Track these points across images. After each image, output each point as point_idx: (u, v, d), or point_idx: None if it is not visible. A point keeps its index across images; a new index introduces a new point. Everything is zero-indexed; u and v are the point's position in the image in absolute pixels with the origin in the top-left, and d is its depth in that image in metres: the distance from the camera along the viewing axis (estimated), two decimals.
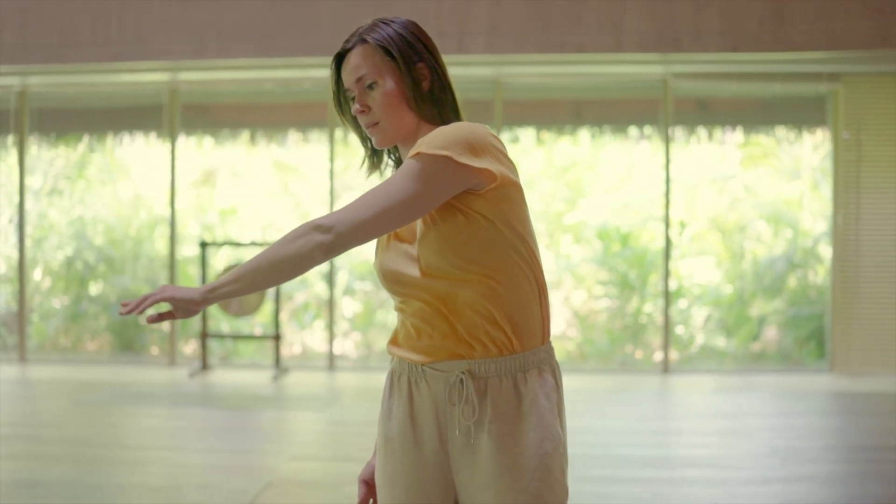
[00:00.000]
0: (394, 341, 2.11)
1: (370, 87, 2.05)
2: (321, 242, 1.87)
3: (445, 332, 2.00)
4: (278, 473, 5.42)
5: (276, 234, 9.74)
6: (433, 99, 2.06)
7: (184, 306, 1.87)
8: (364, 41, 2.06)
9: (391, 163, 2.18)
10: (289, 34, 7.79)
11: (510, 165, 2.00)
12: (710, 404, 7.81)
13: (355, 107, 2.06)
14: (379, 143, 2.08)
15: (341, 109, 2.12)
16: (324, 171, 9.39)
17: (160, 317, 1.90)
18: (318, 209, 9.79)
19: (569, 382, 10.31)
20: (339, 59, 2.10)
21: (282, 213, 10.01)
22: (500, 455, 1.96)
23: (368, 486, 2.22)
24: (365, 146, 2.16)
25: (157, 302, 1.86)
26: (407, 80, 2.04)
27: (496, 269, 1.97)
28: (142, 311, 1.86)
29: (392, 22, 2.09)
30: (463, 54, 7.82)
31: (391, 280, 2.05)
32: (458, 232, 1.94)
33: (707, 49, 7.63)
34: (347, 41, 2.09)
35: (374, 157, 2.17)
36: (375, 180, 2.13)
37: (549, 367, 2.03)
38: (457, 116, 2.10)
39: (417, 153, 1.93)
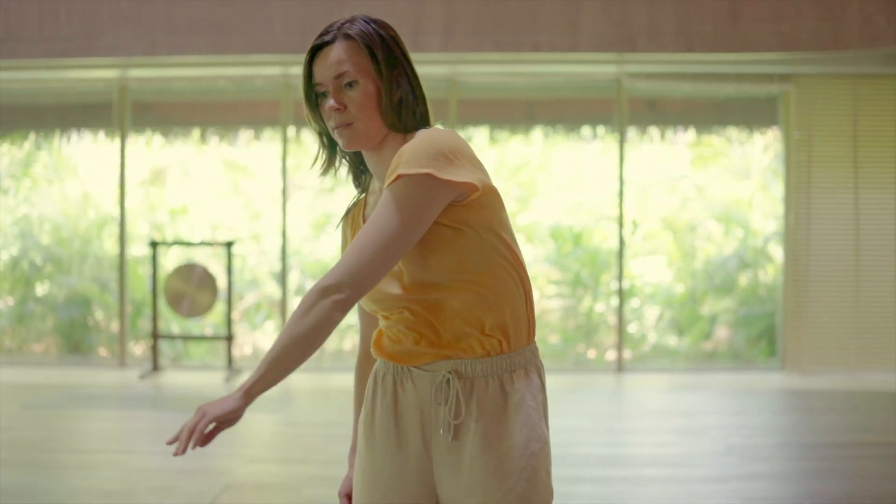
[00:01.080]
0: (377, 343, 2.08)
1: (349, 85, 1.96)
2: (337, 301, 1.84)
3: (432, 340, 1.98)
4: (235, 476, 5.34)
5: (226, 233, 9.62)
6: (402, 108, 1.99)
7: (227, 418, 1.83)
8: (349, 37, 1.97)
9: (345, 163, 2.12)
10: (242, 31, 7.70)
11: (484, 170, 1.98)
12: (665, 403, 7.85)
13: (330, 103, 1.96)
14: (348, 145, 1.99)
15: (312, 105, 2.02)
16: (275, 170, 9.29)
17: (210, 437, 1.83)
18: (268, 208, 9.69)
19: None
20: (313, 52, 2.00)
21: (232, 213, 9.90)
22: (487, 455, 1.95)
23: (350, 500, 2.19)
24: (321, 144, 2.08)
25: (203, 430, 1.79)
26: (384, 86, 1.97)
27: (484, 277, 1.94)
28: (195, 446, 1.80)
29: (373, 22, 2.01)
30: (418, 52, 7.78)
31: (374, 300, 2.01)
32: (444, 245, 1.92)
33: (662, 49, 7.67)
34: (325, 33, 1.99)
35: (330, 157, 2.09)
36: (327, 181, 2.11)
37: (534, 367, 2.02)
38: (426, 126, 2.03)
39: (398, 175, 1.88)
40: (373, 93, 1.96)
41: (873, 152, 8.70)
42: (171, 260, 9.55)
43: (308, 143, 9.51)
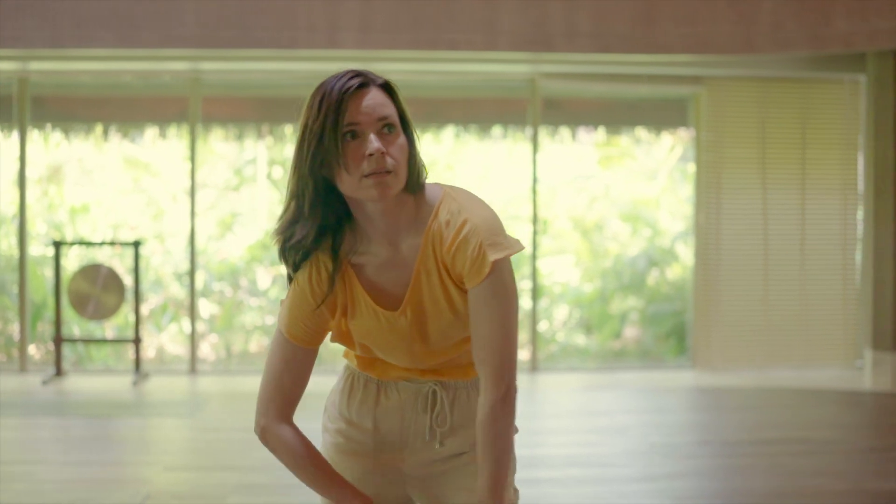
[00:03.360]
0: (360, 360, 2.10)
1: (388, 129, 1.86)
2: (513, 398, 1.99)
3: (425, 371, 2.07)
4: (155, 485, 5.14)
5: (128, 233, 9.32)
6: (419, 168, 1.94)
7: None
8: (379, 86, 1.89)
9: (311, 222, 1.92)
10: (151, 24, 7.45)
11: None
12: (581, 402, 7.88)
13: (375, 145, 1.82)
14: (384, 194, 1.84)
15: (331, 149, 1.84)
16: (180, 168, 9.04)
17: None
18: (171, 208, 9.43)
19: None
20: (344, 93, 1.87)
21: (135, 212, 9.59)
22: (467, 457, 2.07)
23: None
24: (305, 200, 1.88)
25: None
26: (410, 141, 1.93)
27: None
28: None
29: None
30: (334, 49, 7.66)
31: (394, 356, 2.05)
32: (465, 312, 1.96)
33: (579, 49, 7.70)
34: (352, 76, 1.87)
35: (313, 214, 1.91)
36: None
37: None
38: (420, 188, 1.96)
39: (493, 262, 1.86)
40: (405, 145, 1.89)
41: (780, 154, 8.90)
42: (72, 260, 9.21)
43: (214, 140, 9.29)
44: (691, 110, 9.07)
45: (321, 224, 1.89)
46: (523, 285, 9.35)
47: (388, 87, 1.90)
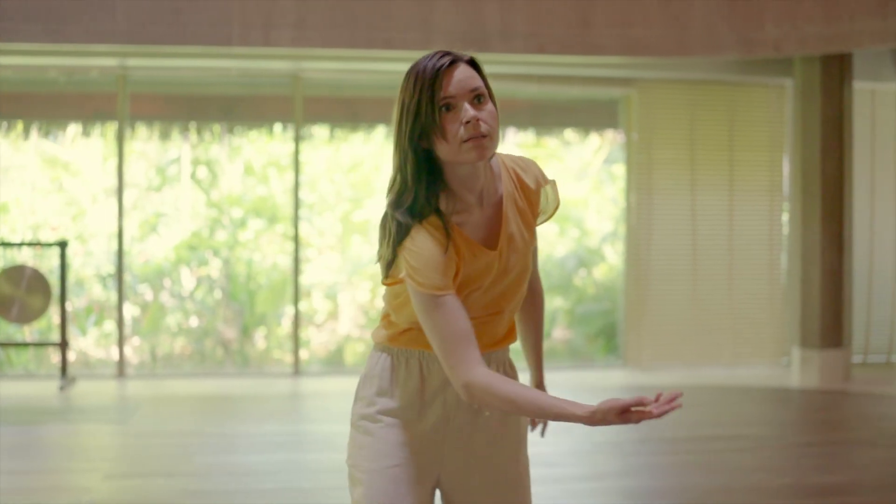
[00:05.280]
0: (395, 339, 2.22)
1: (478, 99, 2.07)
2: None
3: (493, 335, 2.23)
4: (97, 494, 4.99)
5: (49, 233, 9.05)
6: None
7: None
8: (466, 63, 2.09)
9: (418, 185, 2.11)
10: (79, 19, 7.25)
11: None
12: None
13: (471, 112, 2.04)
14: (480, 156, 2.06)
15: (429, 121, 2.05)
16: (103, 168, 8.83)
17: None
18: (93, 208, 9.19)
19: None
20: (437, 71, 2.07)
21: (55, 212, 9.32)
22: (503, 428, 2.25)
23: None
24: (406, 164, 2.10)
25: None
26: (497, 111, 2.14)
27: None
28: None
29: None
30: (269, 47, 7.54)
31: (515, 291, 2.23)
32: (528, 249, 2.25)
33: (514, 50, 7.71)
34: (441, 56, 2.08)
35: (409, 177, 2.10)
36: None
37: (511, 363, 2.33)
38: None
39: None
40: (494, 112, 2.10)
41: (709, 155, 9.05)
42: None
43: (141, 138, 9.07)
44: (622, 112, 9.18)
45: (426, 190, 2.09)
46: None
47: (473, 63, 2.10)
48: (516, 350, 2.37)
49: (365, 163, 9.96)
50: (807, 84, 8.24)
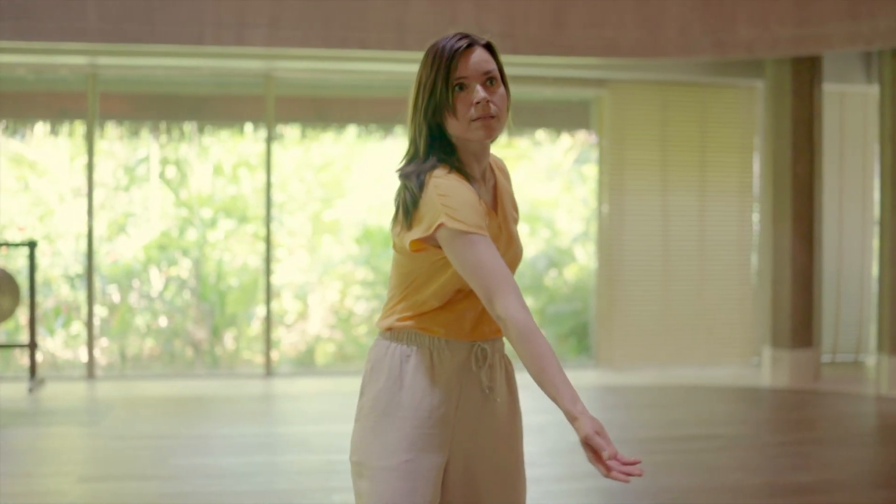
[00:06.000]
0: (406, 322, 2.25)
1: (491, 82, 2.18)
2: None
3: (476, 331, 2.28)
4: (71, 497, 4.93)
5: (15, 234, 8.94)
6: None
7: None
8: (483, 47, 2.20)
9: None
10: (50, 16, 7.16)
11: None
12: None
13: (481, 94, 2.15)
14: (487, 136, 2.18)
15: (443, 99, 2.16)
16: (70, 168, 8.73)
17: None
18: (59, 207, 9.09)
19: (331, 385, 10.11)
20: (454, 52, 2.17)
21: (22, 211, 9.21)
22: (512, 407, 2.36)
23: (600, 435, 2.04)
24: (420, 138, 2.21)
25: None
26: (508, 95, 2.25)
27: None
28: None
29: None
30: (242, 46, 7.49)
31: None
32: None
33: None
34: (460, 38, 2.18)
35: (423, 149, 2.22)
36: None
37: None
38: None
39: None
40: (504, 95, 2.22)
41: (680, 156, 9.10)
42: None
43: (110, 138, 8.97)
44: (594, 113, 9.20)
45: (437, 159, 2.21)
46: None
47: (489, 47, 2.21)
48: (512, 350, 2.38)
49: (336, 163, 9.93)
50: (777, 86, 8.30)
